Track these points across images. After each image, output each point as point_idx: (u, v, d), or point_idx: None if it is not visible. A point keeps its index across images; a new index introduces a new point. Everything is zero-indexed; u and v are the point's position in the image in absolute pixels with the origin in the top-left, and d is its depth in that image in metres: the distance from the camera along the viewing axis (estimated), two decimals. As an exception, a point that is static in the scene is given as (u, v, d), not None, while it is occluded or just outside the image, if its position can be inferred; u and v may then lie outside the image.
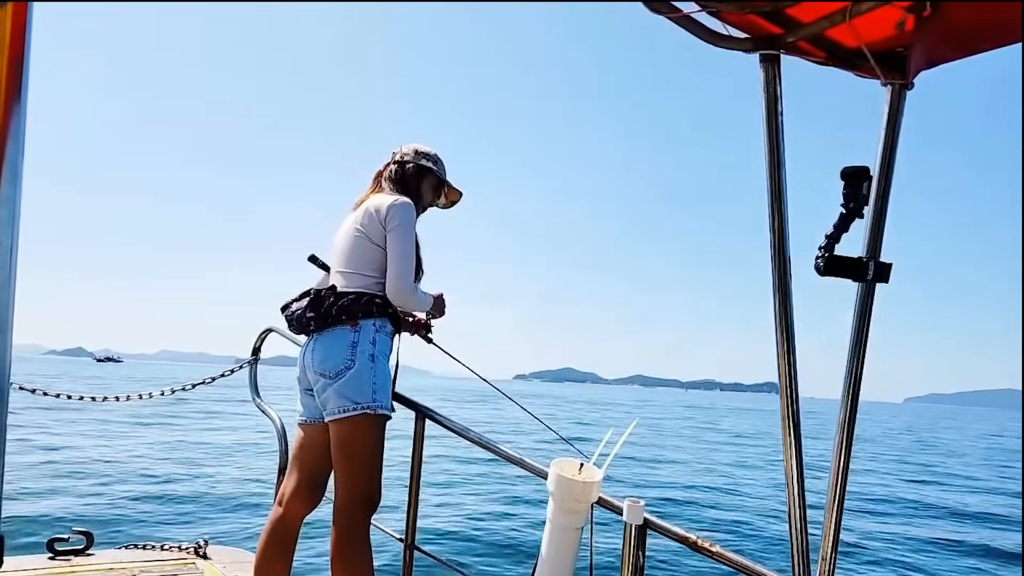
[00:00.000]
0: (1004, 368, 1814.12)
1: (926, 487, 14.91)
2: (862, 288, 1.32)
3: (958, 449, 29.62)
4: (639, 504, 1.71)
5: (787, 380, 1.33)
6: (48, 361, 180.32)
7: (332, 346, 2.14)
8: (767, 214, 1.28)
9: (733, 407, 75.29)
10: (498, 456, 2.21)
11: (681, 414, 46.95)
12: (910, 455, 23.90)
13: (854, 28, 1.13)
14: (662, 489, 11.71)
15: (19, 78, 0.75)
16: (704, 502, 10.68)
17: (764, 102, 1.22)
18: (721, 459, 17.30)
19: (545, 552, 1.89)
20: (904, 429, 46.77)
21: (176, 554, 3.25)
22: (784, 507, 1.41)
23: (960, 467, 20.87)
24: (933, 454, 25.38)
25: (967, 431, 50.85)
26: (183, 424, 18.36)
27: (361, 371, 2.10)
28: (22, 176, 0.75)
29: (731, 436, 27.49)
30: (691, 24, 1.16)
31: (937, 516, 11.22)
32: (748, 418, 47.22)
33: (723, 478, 13.51)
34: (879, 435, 35.77)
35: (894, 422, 60.15)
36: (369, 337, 2.15)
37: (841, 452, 1.36)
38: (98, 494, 9.07)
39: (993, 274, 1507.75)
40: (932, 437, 38.37)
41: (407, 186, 2.40)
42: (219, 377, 3.50)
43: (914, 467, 19.64)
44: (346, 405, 2.09)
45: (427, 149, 2.48)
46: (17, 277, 0.77)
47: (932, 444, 31.66)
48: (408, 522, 2.39)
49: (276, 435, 2.96)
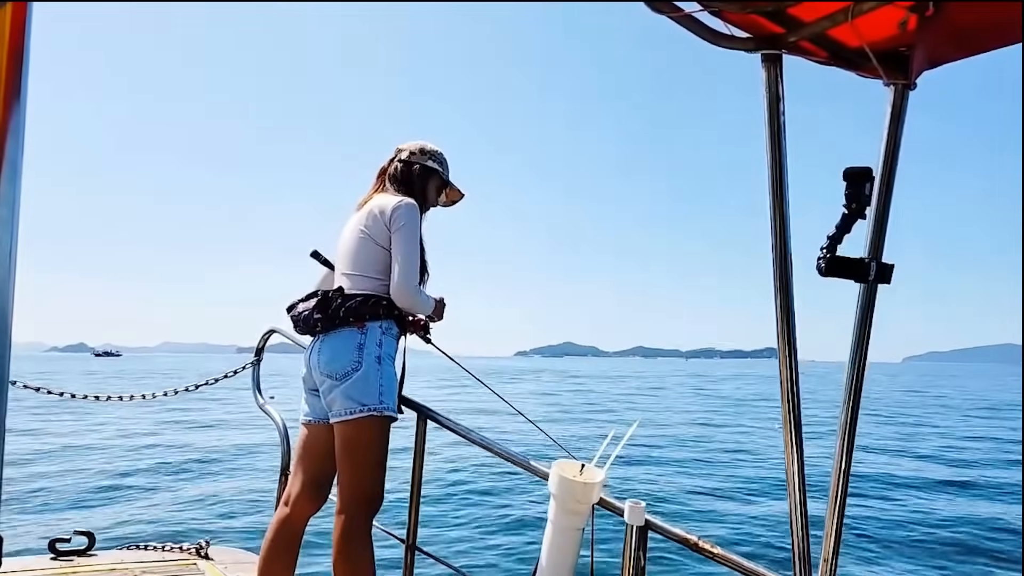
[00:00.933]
0: (1002, 324, 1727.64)
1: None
2: (864, 289, 1.31)
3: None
4: (640, 505, 1.71)
5: (787, 380, 1.33)
6: (49, 359, 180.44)
7: (339, 348, 2.14)
8: (768, 214, 1.28)
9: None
10: (499, 457, 2.21)
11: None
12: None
13: (856, 28, 1.13)
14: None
15: (19, 78, 0.75)
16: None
17: (766, 102, 1.22)
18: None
19: (546, 553, 1.89)
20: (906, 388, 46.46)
21: (178, 555, 3.25)
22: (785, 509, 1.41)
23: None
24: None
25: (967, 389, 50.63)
26: (184, 423, 18.38)
27: (368, 373, 2.11)
28: (22, 175, 0.75)
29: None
30: (693, 24, 1.16)
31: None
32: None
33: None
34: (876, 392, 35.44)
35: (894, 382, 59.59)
36: (376, 339, 2.15)
37: (842, 453, 1.36)
38: (99, 494, 9.08)
39: (991, 231, 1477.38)
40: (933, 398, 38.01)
41: (412, 187, 2.38)
42: (222, 378, 3.50)
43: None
44: (352, 407, 2.09)
45: (433, 148, 2.46)
46: (17, 276, 0.77)
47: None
48: (409, 523, 2.39)
49: (278, 435, 2.96)
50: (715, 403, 29.67)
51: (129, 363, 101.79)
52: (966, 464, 13.67)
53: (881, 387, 49.68)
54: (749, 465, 12.97)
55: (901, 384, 57.39)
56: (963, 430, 20.30)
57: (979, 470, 12.97)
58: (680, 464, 12.89)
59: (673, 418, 22.07)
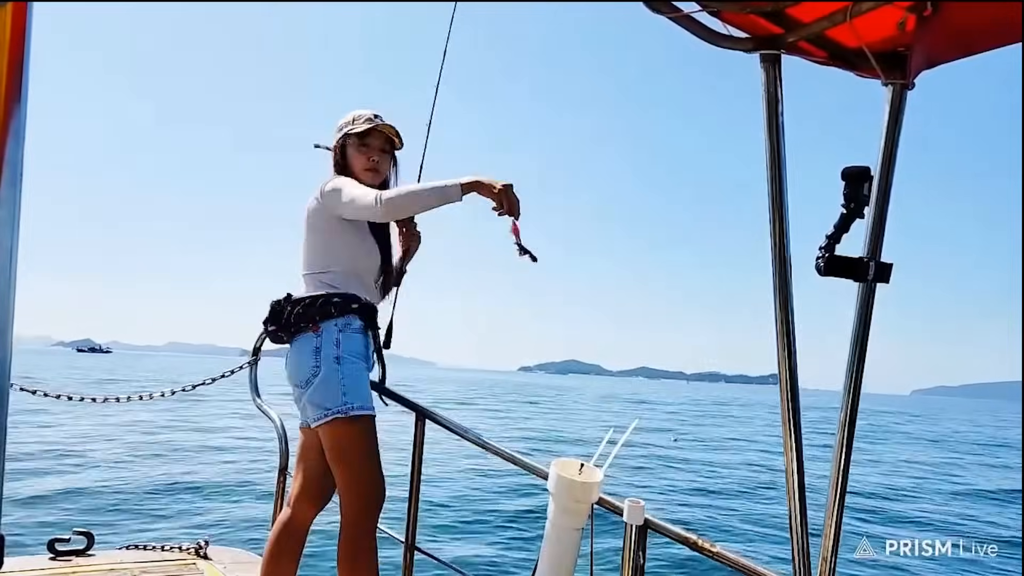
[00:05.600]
0: (1010, 361, 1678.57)
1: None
2: (863, 288, 1.31)
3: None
4: (640, 504, 1.71)
5: (787, 382, 1.33)
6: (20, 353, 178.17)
7: (297, 355, 2.10)
8: (768, 215, 1.28)
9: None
10: (498, 457, 2.20)
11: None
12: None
13: (855, 28, 1.13)
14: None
15: (19, 78, 0.75)
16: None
17: (765, 102, 1.22)
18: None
19: (545, 552, 1.89)
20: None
21: (177, 554, 3.25)
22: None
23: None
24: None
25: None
26: (184, 423, 18.35)
27: (328, 376, 2.04)
28: (22, 177, 0.75)
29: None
30: (692, 24, 1.16)
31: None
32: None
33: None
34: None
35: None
36: (332, 339, 2.08)
37: (841, 452, 1.36)
38: (99, 495, 9.07)
39: (1000, 265, 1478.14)
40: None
41: (342, 169, 2.30)
42: (220, 378, 3.50)
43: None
44: (319, 413, 2.05)
45: (343, 120, 2.30)
46: (17, 276, 0.77)
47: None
48: (409, 523, 2.39)
49: (276, 435, 2.96)
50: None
51: (119, 361, 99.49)
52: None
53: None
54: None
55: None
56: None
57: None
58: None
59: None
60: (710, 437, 23.14)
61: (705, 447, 19.28)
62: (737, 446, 20.34)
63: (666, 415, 34.99)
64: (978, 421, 56.68)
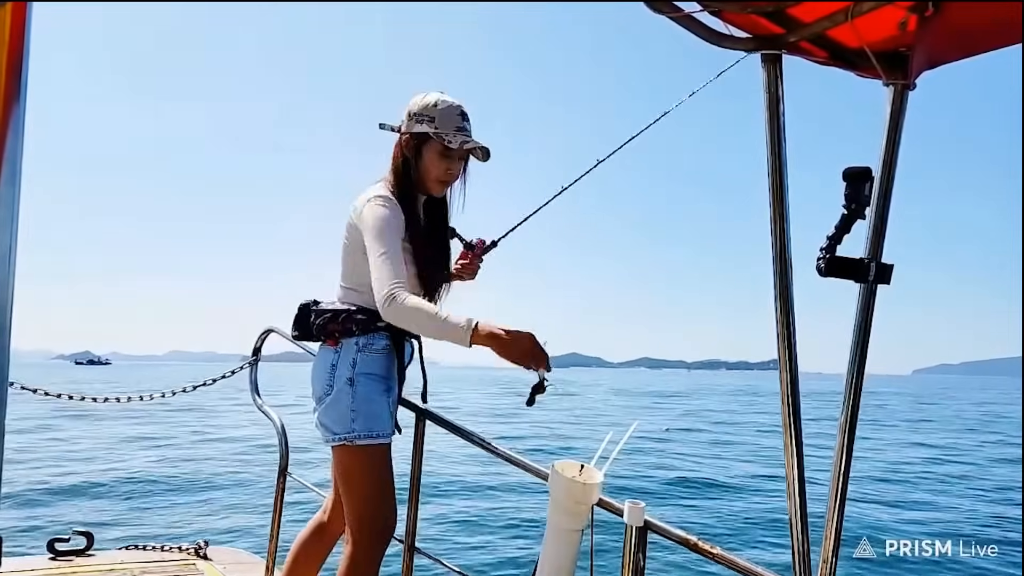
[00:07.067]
0: (1013, 336, 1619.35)
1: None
2: (863, 289, 1.31)
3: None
4: (640, 505, 1.71)
5: (787, 382, 1.33)
6: (43, 367, 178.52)
7: (316, 368, 2.00)
8: (769, 215, 1.28)
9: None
10: (498, 457, 2.20)
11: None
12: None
13: (856, 28, 1.13)
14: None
15: (19, 78, 0.75)
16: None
17: (766, 102, 1.22)
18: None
19: (545, 554, 1.88)
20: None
21: (177, 555, 3.25)
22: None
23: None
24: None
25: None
26: (184, 424, 18.36)
27: (339, 398, 1.92)
28: (21, 177, 0.75)
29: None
30: (693, 24, 1.16)
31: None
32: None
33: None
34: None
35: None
36: (349, 358, 1.94)
37: (842, 452, 1.36)
38: (99, 495, 9.07)
39: (998, 242, 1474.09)
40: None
41: (405, 170, 1.98)
42: (219, 379, 3.49)
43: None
44: (327, 436, 1.95)
45: (425, 100, 1.94)
46: (17, 278, 0.77)
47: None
48: (408, 523, 2.39)
49: (277, 435, 2.95)
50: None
51: (118, 372, 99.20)
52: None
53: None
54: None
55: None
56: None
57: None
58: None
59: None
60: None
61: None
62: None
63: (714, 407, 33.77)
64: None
